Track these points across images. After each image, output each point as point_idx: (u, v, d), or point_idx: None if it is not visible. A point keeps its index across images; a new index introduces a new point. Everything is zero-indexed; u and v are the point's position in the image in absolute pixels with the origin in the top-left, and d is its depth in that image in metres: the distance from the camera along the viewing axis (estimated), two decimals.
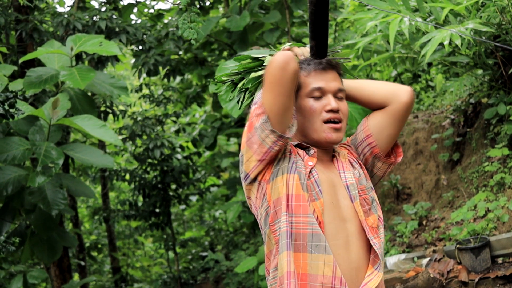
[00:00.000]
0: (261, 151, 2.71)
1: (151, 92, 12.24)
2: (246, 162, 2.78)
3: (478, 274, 6.11)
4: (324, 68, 2.84)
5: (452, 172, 8.89)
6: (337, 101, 2.84)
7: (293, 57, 2.64)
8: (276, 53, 2.86)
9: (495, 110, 7.55)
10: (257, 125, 2.70)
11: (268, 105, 2.67)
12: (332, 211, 2.72)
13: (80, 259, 12.46)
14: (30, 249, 7.85)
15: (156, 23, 11.64)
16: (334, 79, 2.85)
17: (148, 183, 11.90)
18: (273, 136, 2.67)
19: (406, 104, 2.86)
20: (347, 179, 2.84)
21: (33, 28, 8.63)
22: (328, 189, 2.76)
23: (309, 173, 2.75)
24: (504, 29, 7.03)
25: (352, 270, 2.69)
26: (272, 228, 2.72)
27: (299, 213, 2.66)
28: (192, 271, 13.46)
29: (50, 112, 6.90)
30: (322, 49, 2.87)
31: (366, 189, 2.85)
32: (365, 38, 7.47)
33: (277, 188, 2.72)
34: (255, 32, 10.78)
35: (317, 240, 2.63)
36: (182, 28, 4.55)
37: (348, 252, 2.70)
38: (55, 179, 7.21)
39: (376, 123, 2.92)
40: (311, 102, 2.82)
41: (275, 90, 2.64)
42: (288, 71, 2.61)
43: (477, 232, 6.79)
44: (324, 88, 2.82)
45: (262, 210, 2.79)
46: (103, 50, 7.32)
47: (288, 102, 2.67)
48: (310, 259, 2.63)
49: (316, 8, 2.71)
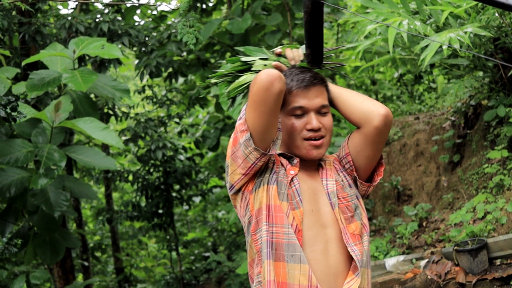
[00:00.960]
0: (245, 165, 2.74)
1: (154, 94, 12.29)
2: (231, 174, 2.81)
3: (476, 276, 6.14)
4: (307, 86, 2.82)
5: (452, 173, 8.92)
6: (319, 118, 2.84)
7: (278, 76, 2.63)
8: (266, 61, 2.89)
9: (494, 112, 7.57)
10: (241, 141, 2.72)
11: (252, 123, 2.68)
12: (311, 218, 2.75)
13: (84, 260, 12.52)
14: (33, 250, 7.90)
15: (159, 25, 11.69)
16: (317, 95, 2.84)
17: (151, 184, 11.95)
18: (256, 153, 2.70)
19: (378, 129, 2.81)
20: (329, 186, 2.86)
21: (36, 30, 8.69)
22: (309, 197, 2.79)
23: (290, 182, 2.78)
24: (504, 31, 7.06)
25: (330, 276, 2.72)
26: (253, 237, 2.75)
27: (278, 223, 2.70)
28: (195, 271, 13.51)
29: (52, 114, 6.95)
30: (317, 57, 2.90)
31: (349, 197, 2.86)
32: (365, 41, 7.51)
33: (259, 198, 2.75)
34: (257, 34, 10.82)
35: (293, 250, 2.67)
36: (181, 33, 4.61)
37: (327, 257, 2.73)
38: (58, 181, 7.26)
39: (354, 143, 2.91)
40: (293, 120, 2.83)
41: (259, 109, 2.64)
42: (272, 91, 2.61)
43: (475, 234, 6.82)
44: (305, 107, 2.82)
45: (245, 219, 2.82)
46: (105, 53, 7.37)
47: (272, 119, 2.68)
48: (288, 268, 2.67)
49: (310, 17, 2.75)
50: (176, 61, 11.02)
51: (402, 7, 7.17)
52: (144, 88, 12.21)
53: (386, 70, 13.87)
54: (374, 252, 8.09)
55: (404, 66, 8.69)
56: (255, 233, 2.74)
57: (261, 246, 2.70)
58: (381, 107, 2.82)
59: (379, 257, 7.90)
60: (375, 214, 9.65)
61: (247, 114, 2.70)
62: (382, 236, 8.73)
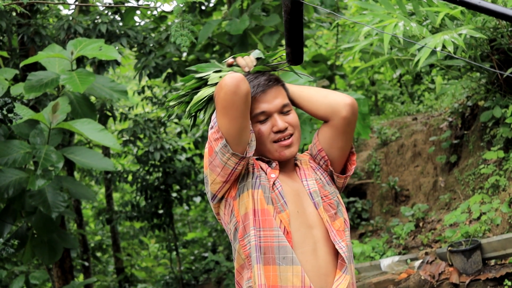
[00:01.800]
0: (225, 173, 2.75)
1: (154, 94, 12.33)
2: (211, 184, 2.82)
3: (469, 276, 6.17)
4: (264, 90, 2.84)
5: (449, 174, 8.95)
6: (283, 117, 2.86)
7: (242, 78, 2.64)
8: (220, 72, 2.89)
9: (491, 113, 7.60)
10: (216, 149, 2.72)
11: (225, 129, 2.68)
12: (298, 220, 2.77)
13: (85, 260, 12.56)
14: (31, 251, 7.94)
15: (158, 25, 11.72)
16: (276, 96, 2.87)
17: (151, 185, 11.99)
18: (235, 158, 2.71)
19: (347, 119, 2.84)
20: (310, 186, 2.88)
21: (34, 31, 8.73)
22: (292, 198, 2.81)
23: (272, 185, 2.79)
24: (500, 33, 7.08)
25: (321, 276, 2.74)
26: (241, 243, 2.76)
27: (266, 227, 2.71)
28: (194, 271, 13.55)
29: (50, 116, 6.99)
30: (297, 56, 2.93)
31: (330, 194, 2.89)
32: (362, 42, 7.54)
33: (244, 203, 2.76)
34: (256, 35, 10.84)
35: (284, 252, 2.68)
36: (174, 36, 4.65)
37: (316, 258, 2.75)
38: (56, 181, 7.30)
39: (324, 137, 2.93)
40: (259, 126, 2.85)
41: (230, 114, 2.64)
42: (240, 94, 2.62)
43: (470, 235, 6.86)
44: (267, 111, 2.84)
45: (231, 226, 2.83)
46: (102, 54, 7.40)
47: (244, 122, 2.69)
48: (279, 271, 2.68)
49: (290, 16, 2.78)
50: (175, 62, 11.05)
51: (399, 9, 7.20)
52: (144, 89, 12.24)
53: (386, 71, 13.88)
54: (370, 252, 8.12)
55: (402, 66, 8.71)
56: (243, 239, 2.75)
57: (250, 251, 2.71)
58: (346, 97, 2.85)
59: (375, 258, 7.94)
60: (372, 215, 9.68)
61: (219, 121, 2.69)
62: (379, 237, 8.76)
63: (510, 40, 7.14)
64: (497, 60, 7.43)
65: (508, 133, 7.32)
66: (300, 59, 2.95)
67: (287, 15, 2.78)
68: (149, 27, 11.25)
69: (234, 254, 2.86)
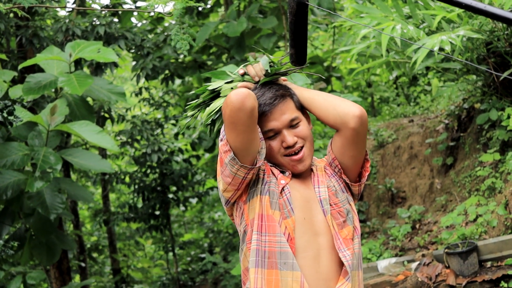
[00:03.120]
0: (235, 182, 2.81)
1: (151, 96, 12.35)
2: (224, 191, 2.88)
3: (466, 278, 6.20)
4: (270, 109, 2.88)
5: (445, 176, 8.98)
6: (292, 131, 2.91)
7: (247, 94, 2.67)
8: (232, 83, 2.93)
9: (487, 116, 7.63)
10: (226, 161, 2.78)
11: (233, 143, 2.73)
12: (303, 226, 2.82)
13: (81, 261, 12.56)
14: (29, 252, 7.96)
15: (156, 27, 11.74)
16: (283, 112, 2.90)
17: (148, 186, 12.01)
18: (244, 169, 2.77)
19: (355, 130, 2.85)
20: (321, 193, 2.91)
21: (33, 33, 8.76)
22: (301, 205, 2.85)
23: (281, 192, 2.84)
24: (496, 36, 7.12)
25: (321, 281, 2.78)
26: (248, 246, 2.82)
27: (270, 233, 2.77)
28: (191, 272, 13.58)
29: (48, 118, 7.02)
30: (301, 57, 2.96)
31: (340, 202, 2.91)
32: (359, 45, 7.57)
33: (254, 208, 2.82)
34: (253, 37, 10.87)
35: (285, 257, 2.74)
36: (175, 40, 4.68)
37: (318, 264, 2.79)
38: (54, 183, 7.32)
39: (336, 146, 2.96)
40: (269, 142, 2.91)
41: (236, 129, 2.69)
42: (245, 110, 2.66)
43: (467, 237, 6.89)
44: (275, 128, 2.89)
45: (241, 228, 2.90)
46: (100, 56, 7.42)
47: (251, 135, 2.73)
48: (280, 275, 2.73)
49: (295, 18, 2.81)
50: (172, 63, 11.08)
51: (395, 12, 7.23)
52: (141, 90, 12.27)
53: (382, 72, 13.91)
54: (367, 254, 8.14)
55: (398, 69, 8.73)
56: (250, 242, 2.80)
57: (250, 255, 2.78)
58: (354, 108, 2.85)
59: (372, 259, 7.96)
60: (369, 216, 9.71)
61: (227, 135, 2.75)
62: (375, 238, 8.78)
63: (507, 43, 7.18)
64: (493, 63, 7.46)
65: (504, 135, 7.35)
66: (304, 60, 2.98)
67: (292, 16, 2.82)
68: (147, 28, 11.28)
69: (240, 255, 2.92)
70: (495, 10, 2.05)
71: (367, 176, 3.06)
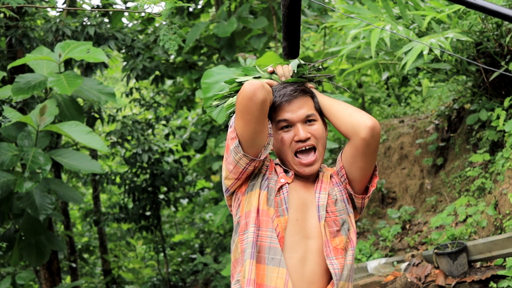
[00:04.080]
0: (236, 171, 2.86)
1: (142, 96, 12.33)
2: (225, 179, 2.94)
3: (455, 279, 6.21)
4: (289, 99, 2.93)
5: (436, 176, 9.00)
6: (306, 127, 2.94)
7: (260, 85, 2.73)
8: (259, 79, 2.98)
9: (477, 116, 7.65)
10: (231, 148, 2.84)
11: (240, 131, 2.80)
12: (294, 227, 2.84)
13: (72, 261, 12.53)
14: (18, 253, 7.94)
15: (146, 27, 11.72)
16: (302, 106, 2.95)
17: (138, 187, 12.00)
18: (246, 159, 2.82)
19: (366, 140, 2.86)
20: (320, 199, 2.92)
21: (23, 34, 8.73)
22: (297, 206, 2.88)
23: (279, 190, 2.88)
24: (486, 36, 7.14)
25: (304, 283, 2.80)
26: (240, 237, 2.86)
27: (263, 227, 2.80)
28: (182, 273, 13.56)
29: (37, 118, 7.00)
30: (294, 49, 3.01)
31: (337, 211, 2.92)
32: (349, 46, 7.58)
33: (251, 201, 2.86)
34: (243, 37, 10.87)
35: (274, 253, 2.76)
36: (163, 40, 4.67)
37: (303, 266, 2.81)
38: (43, 184, 7.30)
39: (346, 156, 2.97)
40: (282, 134, 2.94)
41: (245, 118, 2.76)
42: (255, 101, 2.72)
43: (456, 237, 6.90)
44: (290, 120, 2.93)
45: (236, 219, 2.94)
46: (90, 57, 7.41)
47: (259, 127, 2.78)
48: (267, 270, 2.76)
49: (288, 10, 2.85)
50: (163, 64, 11.06)
51: (385, 12, 7.24)
52: (132, 91, 12.25)
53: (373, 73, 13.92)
54: (357, 254, 8.15)
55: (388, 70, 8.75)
56: (243, 234, 2.84)
57: (245, 247, 2.79)
58: (368, 119, 2.87)
59: (362, 260, 7.97)
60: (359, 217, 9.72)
61: (236, 123, 2.82)
62: (366, 239, 8.80)
63: (496, 43, 7.19)
64: (483, 64, 7.48)
65: (494, 136, 7.37)
66: (296, 53, 3.03)
67: (285, 9, 2.85)
68: (137, 29, 11.26)
69: (232, 246, 2.95)
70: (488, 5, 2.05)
71: (371, 191, 3.05)
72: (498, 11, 2.06)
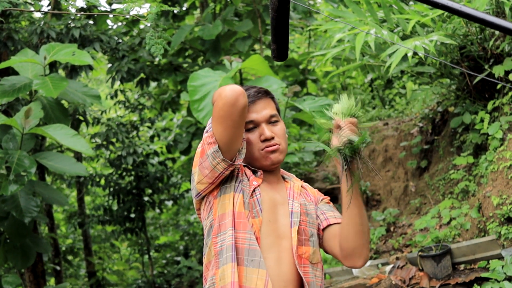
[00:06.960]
0: (212, 175, 2.85)
1: (127, 98, 12.33)
2: (198, 183, 2.92)
3: (439, 281, 6.25)
4: (253, 100, 2.98)
5: (420, 179, 9.05)
6: (270, 127, 3.00)
7: (243, 92, 2.74)
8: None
9: (461, 119, 7.70)
10: (208, 152, 2.83)
11: (219, 136, 2.78)
12: (268, 228, 2.88)
13: (56, 264, 12.49)
14: (3, 256, 7.91)
15: (131, 29, 11.71)
16: (265, 107, 3.01)
17: (123, 189, 11.98)
18: (224, 164, 2.82)
19: (352, 266, 2.97)
20: (294, 206, 2.97)
21: (7, 36, 8.70)
22: (268, 207, 2.91)
23: (252, 192, 2.90)
24: (470, 40, 7.19)
25: (281, 282, 2.82)
26: (214, 240, 2.85)
27: (240, 229, 2.81)
28: (167, 275, 13.56)
29: (22, 121, 6.98)
30: (282, 52, 3.01)
31: (308, 222, 2.98)
32: (334, 49, 7.62)
33: (224, 204, 2.87)
34: (228, 40, 10.89)
35: (253, 255, 2.78)
36: (149, 44, 4.68)
37: (280, 265, 2.85)
38: (28, 186, 7.28)
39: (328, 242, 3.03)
40: (248, 135, 2.97)
41: (225, 123, 2.74)
42: (237, 107, 2.71)
43: (440, 239, 6.94)
44: (255, 120, 2.98)
45: (207, 222, 2.93)
46: (75, 59, 7.39)
47: (238, 132, 2.79)
48: (245, 272, 2.77)
49: (277, 14, 2.86)
50: (148, 66, 11.06)
51: (370, 16, 7.28)
52: (117, 93, 12.24)
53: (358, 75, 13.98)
54: None
55: (373, 72, 8.79)
56: (216, 236, 2.84)
57: (220, 250, 2.80)
58: (366, 255, 2.92)
59: None
60: None
61: (214, 128, 2.80)
62: None
63: (480, 47, 7.25)
64: (466, 67, 7.53)
65: (477, 139, 7.43)
66: (285, 56, 3.04)
67: (274, 12, 2.86)
68: (122, 31, 11.25)
69: (205, 249, 2.94)
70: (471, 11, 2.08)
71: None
72: (482, 18, 2.09)
